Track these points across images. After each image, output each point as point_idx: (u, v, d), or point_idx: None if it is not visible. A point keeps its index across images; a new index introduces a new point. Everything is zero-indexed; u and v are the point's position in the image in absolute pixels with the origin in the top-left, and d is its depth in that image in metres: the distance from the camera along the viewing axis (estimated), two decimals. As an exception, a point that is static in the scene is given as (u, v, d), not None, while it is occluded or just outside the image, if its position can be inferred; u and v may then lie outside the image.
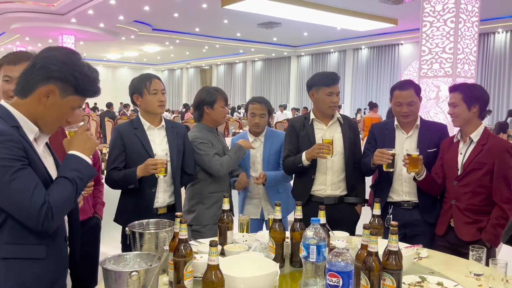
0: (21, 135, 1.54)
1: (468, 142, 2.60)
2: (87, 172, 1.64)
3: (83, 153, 1.65)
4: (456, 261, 2.19)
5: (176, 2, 11.48)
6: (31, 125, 1.61)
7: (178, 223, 1.73)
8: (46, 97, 1.58)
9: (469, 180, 2.54)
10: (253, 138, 3.30)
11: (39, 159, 1.58)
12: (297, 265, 1.99)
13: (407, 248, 2.02)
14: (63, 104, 1.61)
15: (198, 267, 1.78)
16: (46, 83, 1.57)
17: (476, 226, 2.51)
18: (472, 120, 2.58)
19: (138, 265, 1.74)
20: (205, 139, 2.93)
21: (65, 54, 1.61)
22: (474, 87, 2.66)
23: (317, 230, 1.64)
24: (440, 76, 6.23)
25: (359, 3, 12.34)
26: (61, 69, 1.57)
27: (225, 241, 2.19)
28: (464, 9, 6.11)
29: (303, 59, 22.58)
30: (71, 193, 1.57)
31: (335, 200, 2.89)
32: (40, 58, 1.59)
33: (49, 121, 1.64)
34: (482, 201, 2.52)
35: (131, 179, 2.55)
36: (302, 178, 2.95)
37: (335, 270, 1.46)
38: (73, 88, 1.59)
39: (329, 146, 2.71)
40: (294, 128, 3.00)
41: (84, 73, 1.61)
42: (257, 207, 3.28)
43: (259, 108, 3.23)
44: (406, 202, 2.79)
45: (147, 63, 29.75)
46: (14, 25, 15.12)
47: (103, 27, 15.15)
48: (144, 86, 2.64)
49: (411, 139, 2.83)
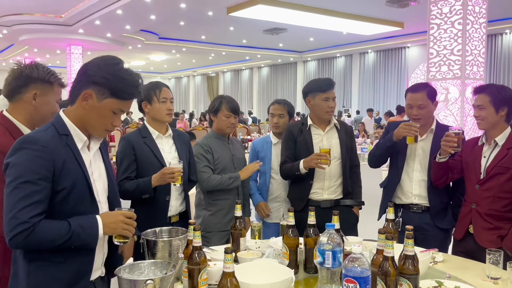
0: (68, 143, 1.65)
1: (492, 145, 2.50)
2: (87, 238, 1.62)
3: (104, 226, 1.65)
4: (473, 265, 2.16)
5: (182, 11, 11.55)
6: (80, 133, 1.70)
7: (192, 230, 1.73)
8: (85, 101, 1.67)
9: (491, 185, 2.44)
10: (276, 140, 3.30)
11: (79, 167, 1.65)
12: (312, 271, 1.98)
13: (422, 252, 2.00)
14: (101, 107, 1.67)
15: (212, 274, 1.77)
16: (86, 88, 1.66)
17: (497, 233, 2.41)
18: (498, 123, 2.48)
19: (153, 273, 1.74)
20: (205, 147, 2.95)
21: (103, 59, 1.70)
22: (503, 89, 2.52)
23: (332, 236, 1.63)
24: (449, 78, 6.18)
25: (364, 7, 12.32)
26: (96, 73, 1.65)
27: (238, 248, 2.18)
28: (472, 11, 6.07)
29: (310, 64, 22.58)
30: (58, 239, 1.56)
31: (331, 203, 2.91)
32: (83, 66, 1.71)
33: (93, 124, 1.71)
34: (505, 207, 2.42)
35: (147, 188, 2.53)
36: (300, 184, 2.96)
37: (352, 276, 1.44)
38: (108, 91, 1.66)
39: (327, 155, 2.73)
40: (291, 133, 3.01)
41: (119, 75, 1.67)
42: (278, 211, 3.24)
43: (278, 108, 3.28)
44: (416, 205, 2.75)
45: (154, 72, 29.91)
46: (22, 37, 15.30)
47: (110, 37, 15.28)
48: (154, 93, 2.65)
49: (425, 143, 2.79)
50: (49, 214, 1.59)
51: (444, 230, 2.73)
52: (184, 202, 2.75)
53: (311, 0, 11.64)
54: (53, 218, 1.59)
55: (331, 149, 2.80)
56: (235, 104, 3.06)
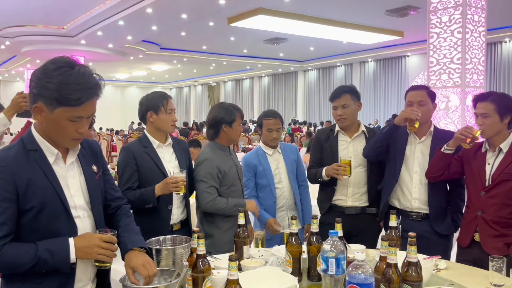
0: (36, 159, 1.56)
1: (496, 152, 2.51)
2: (57, 264, 1.53)
3: (77, 250, 1.55)
4: (476, 272, 2.16)
5: (183, 21, 11.64)
6: (50, 147, 1.60)
7: (196, 238, 1.74)
8: (38, 114, 1.55)
9: (497, 191, 2.45)
10: (271, 150, 3.25)
11: (50, 184, 1.56)
12: (315, 279, 1.98)
13: (425, 260, 2.00)
14: (55, 118, 1.54)
15: (216, 282, 1.78)
16: (35, 102, 1.54)
17: (504, 240, 2.41)
18: (502, 131, 2.49)
19: (158, 281, 1.74)
20: (216, 166, 2.78)
21: (42, 68, 1.55)
22: (505, 96, 2.54)
23: (335, 243, 1.64)
24: (449, 87, 6.22)
25: (364, 17, 12.42)
26: (37, 84, 1.52)
27: (242, 256, 2.18)
28: (471, 20, 6.13)
29: (310, 73, 22.67)
30: (22, 264, 1.49)
31: (356, 210, 2.93)
32: (30, 77, 1.59)
33: (56, 136, 1.60)
34: (511, 214, 2.43)
35: (150, 198, 2.53)
36: (324, 188, 3.05)
37: (355, 282, 1.45)
38: (54, 100, 1.51)
39: (346, 167, 2.77)
40: (318, 139, 3.11)
41: (60, 82, 1.50)
42: (284, 220, 3.19)
43: (275, 123, 3.23)
44: (415, 213, 2.76)
45: (156, 82, 30.04)
46: (25, 48, 15.42)
47: (112, 47, 15.38)
48: (162, 104, 2.66)
49: (424, 145, 2.81)
50: (21, 233, 1.53)
51: (444, 237, 2.73)
52: (185, 210, 2.77)
53: (311, 10, 11.74)
54: (26, 237, 1.53)
55: (356, 156, 2.87)
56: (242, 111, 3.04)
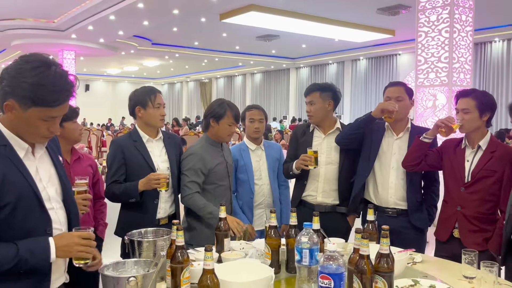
0: (7, 155, 1.54)
1: (475, 149, 2.57)
2: (38, 263, 1.53)
3: (57, 249, 1.55)
4: (450, 265, 2.22)
5: (175, 17, 11.60)
6: (20, 141, 1.59)
7: (175, 230, 1.77)
8: (9, 111, 1.54)
9: (478, 188, 2.51)
10: (254, 146, 3.21)
11: (24, 178, 1.56)
12: (293, 271, 2.02)
13: (400, 253, 2.05)
14: (28, 117, 1.53)
15: (196, 273, 1.80)
16: (6, 99, 1.52)
17: (483, 236, 2.47)
18: (480, 128, 2.56)
19: (136, 271, 1.78)
20: (201, 161, 2.76)
21: (17, 66, 1.53)
22: (486, 94, 2.62)
23: (310, 235, 1.68)
24: (436, 85, 6.29)
25: (356, 15, 12.46)
26: (11, 83, 1.50)
27: (222, 249, 2.22)
28: (458, 19, 6.20)
29: (302, 71, 22.71)
30: (3, 263, 1.48)
31: (325, 208, 2.95)
32: (1, 73, 1.55)
33: (26, 133, 1.58)
34: (490, 209, 2.49)
35: (132, 193, 2.57)
36: (296, 183, 3.10)
37: (327, 272, 1.49)
38: (29, 100, 1.50)
39: (312, 157, 2.80)
40: (295, 134, 3.17)
41: (37, 82, 1.49)
42: (261, 218, 3.18)
43: (258, 113, 3.20)
44: (391, 209, 2.80)
45: (147, 77, 29.90)
46: (15, 42, 15.27)
47: (103, 42, 15.29)
48: (149, 99, 2.68)
49: (402, 141, 2.85)
50: None
51: (419, 231, 2.78)
52: (174, 204, 2.79)
53: (304, 7, 11.76)
54: (1, 234, 1.52)
55: (328, 152, 2.94)
56: (239, 112, 2.95)
